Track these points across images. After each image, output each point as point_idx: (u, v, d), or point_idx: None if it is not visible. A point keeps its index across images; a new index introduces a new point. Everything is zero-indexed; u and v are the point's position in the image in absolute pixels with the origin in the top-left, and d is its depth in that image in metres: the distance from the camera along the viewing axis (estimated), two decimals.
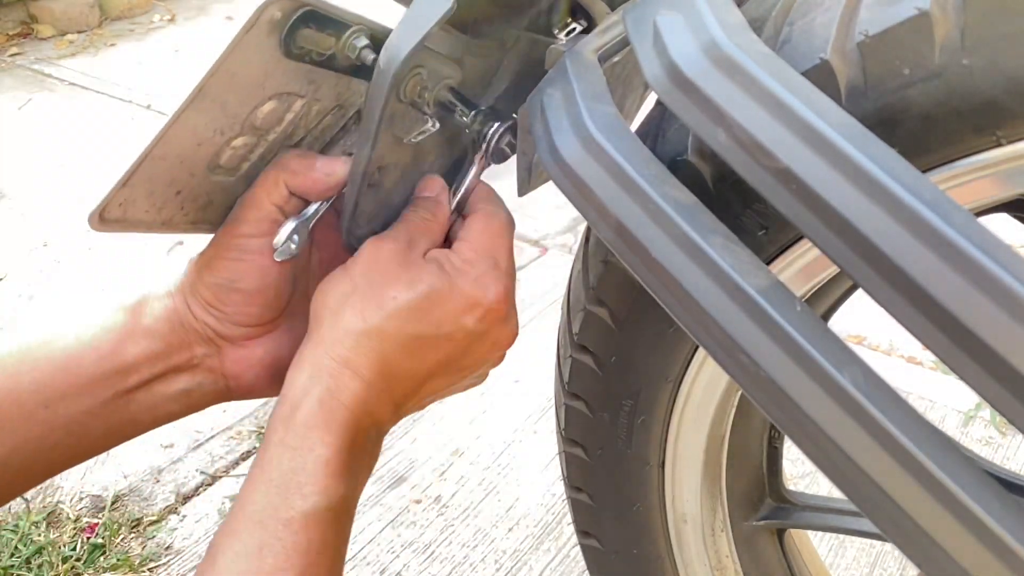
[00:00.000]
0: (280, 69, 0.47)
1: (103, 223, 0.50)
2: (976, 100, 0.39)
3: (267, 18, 0.44)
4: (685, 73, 0.39)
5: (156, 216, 0.52)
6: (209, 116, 0.47)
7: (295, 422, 0.48)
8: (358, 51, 0.48)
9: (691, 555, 0.71)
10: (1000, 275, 0.31)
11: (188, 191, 0.52)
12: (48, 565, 1.25)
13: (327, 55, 0.48)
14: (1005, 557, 0.33)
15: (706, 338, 0.39)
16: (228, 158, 0.51)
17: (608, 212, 0.42)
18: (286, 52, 0.46)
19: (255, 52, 0.45)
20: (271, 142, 0.52)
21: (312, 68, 0.48)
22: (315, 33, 0.46)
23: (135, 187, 0.49)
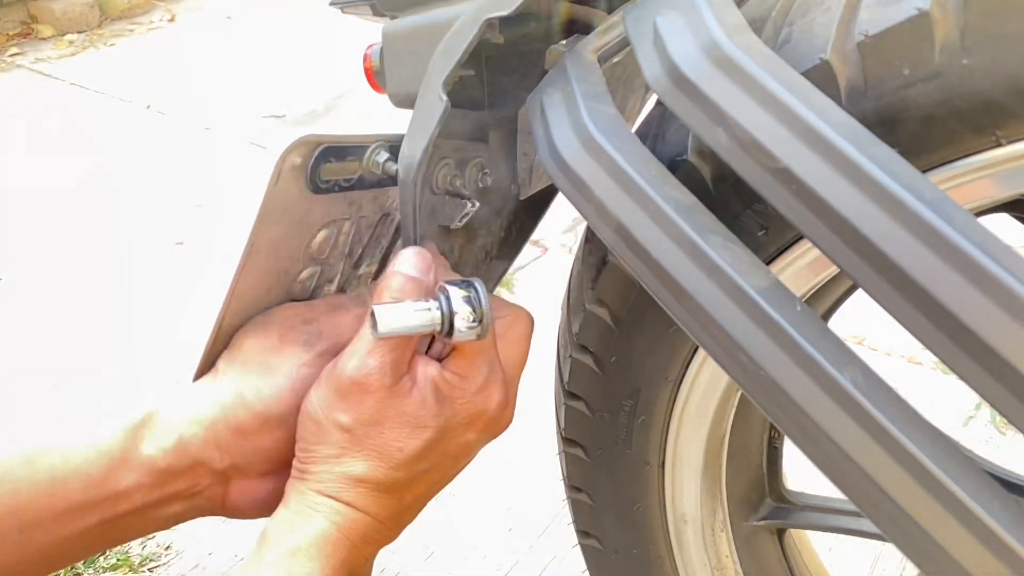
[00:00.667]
0: (317, 204, 0.49)
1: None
2: (976, 100, 0.39)
3: (289, 166, 0.46)
4: (685, 73, 0.39)
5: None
6: (267, 264, 0.50)
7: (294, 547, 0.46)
8: (381, 166, 0.50)
9: (691, 555, 0.71)
10: (1000, 275, 0.31)
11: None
12: None
13: (355, 178, 0.50)
14: (1005, 556, 0.33)
15: (706, 338, 0.39)
16: (301, 290, 0.53)
17: (608, 212, 0.42)
18: (315, 189, 0.48)
19: (287, 198, 0.47)
20: (335, 266, 0.54)
21: (345, 193, 0.50)
22: (337, 164, 0.49)
23: (221, 343, 0.51)
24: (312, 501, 0.48)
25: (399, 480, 0.49)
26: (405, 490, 0.50)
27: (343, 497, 0.48)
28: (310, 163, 0.47)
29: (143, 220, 2.17)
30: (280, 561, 0.46)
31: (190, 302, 1.83)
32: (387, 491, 0.49)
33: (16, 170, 2.44)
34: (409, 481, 0.50)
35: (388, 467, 0.48)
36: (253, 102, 2.89)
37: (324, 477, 0.48)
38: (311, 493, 0.48)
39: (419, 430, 0.48)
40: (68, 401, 1.59)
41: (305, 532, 0.47)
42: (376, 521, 0.49)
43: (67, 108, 2.89)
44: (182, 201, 2.25)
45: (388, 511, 0.50)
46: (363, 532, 0.49)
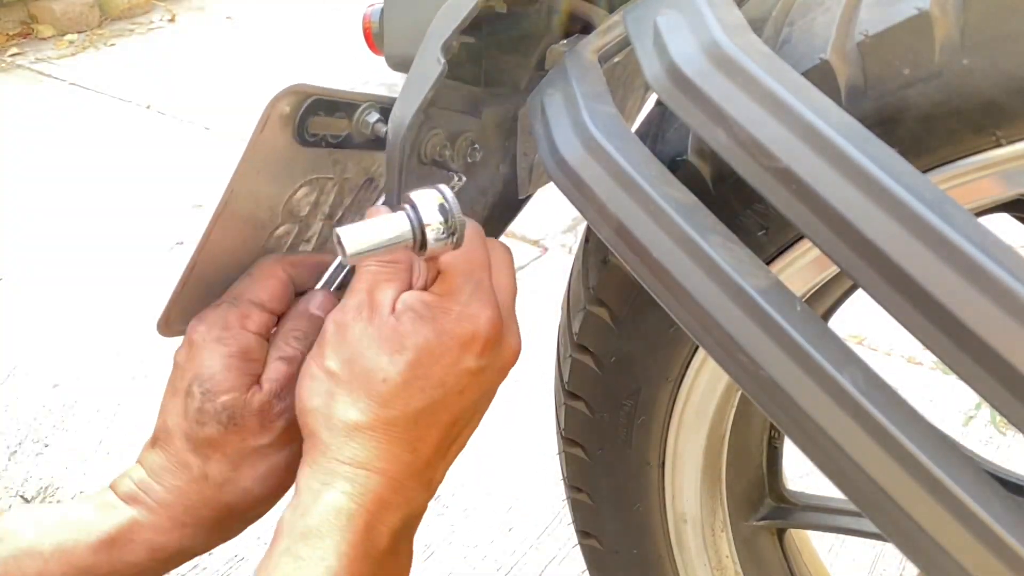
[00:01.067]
0: (301, 157, 0.48)
1: (168, 328, 0.51)
2: (976, 100, 0.39)
3: (277, 113, 0.45)
4: (685, 73, 0.39)
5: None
6: (246, 212, 0.48)
7: (305, 529, 0.44)
8: (371, 126, 0.49)
9: (691, 555, 0.71)
10: (1000, 275, 0.31)
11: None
12: None
13: (342, 136, 0.49)
14: (1005, 556, 0.33)
15: (706, 338, 0.39)
16: (276, 246, 0.52)
17: (608, 212, 0.42)
18: (301, 142, 0.47)
19: (272, 147, 0.46)
20: (312, 225, 0.53)
21: (331, 150, 0.49)
22: (326, 119, 0.48)
23: (190, 291, 0.50)
24: (319, 477, 0.45)
25: (396, 419, 0.46)
26: (413, 436, 0.46)
27: (344, 455, 0.45)
28: (299, 114, 0.46)
29: (143, 220, 2.17)
30: (291, 547, 0.43)
31: None
32: (389, 436, 0.46)
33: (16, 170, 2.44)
34: (409, 421, 0.46)
35: (378, 403, 0.45)
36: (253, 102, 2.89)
37: (323, 437, 0.46)
38: (315, 468, 0.45)
39: (397, 353, 0.45)
40: (68, 401, 1.59)
41: (314, 511, 0.44)
42: (390, 479, 0.46)
43: (67, 108, 2.89)
44: (182, 201, 2.25)
45: (401, 465, 0.46)
46: (378, 496, 0.45)
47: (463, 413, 0.49)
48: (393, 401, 0.46)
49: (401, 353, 0.46)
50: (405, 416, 0.46)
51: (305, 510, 0.44)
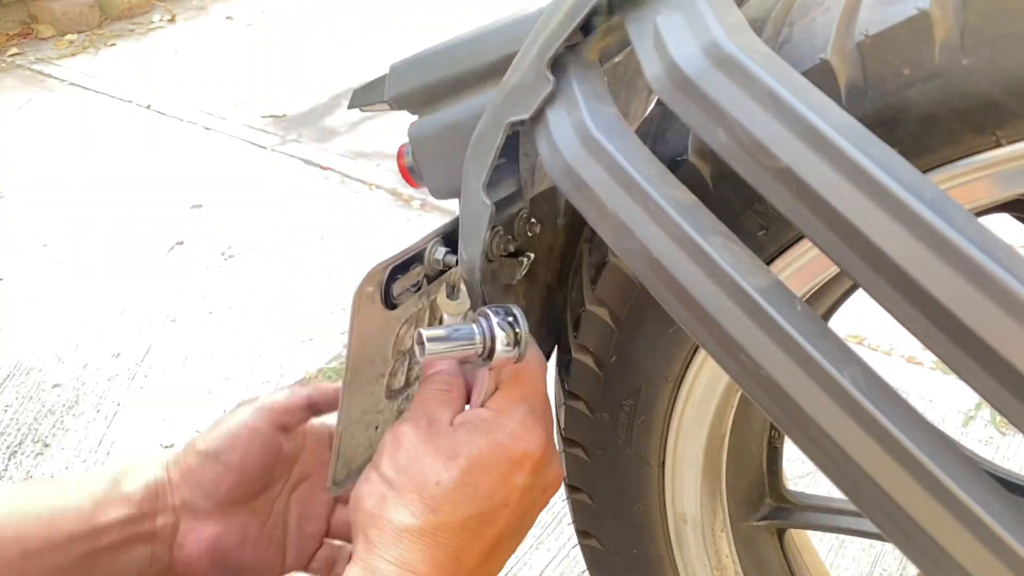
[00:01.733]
0: (395, 315, 0.52)
1: (339, 487, 0.56)
2: (976, 100, 0.39)
3: (366, 297, 0.49)
4: (686, 73, 0.39)
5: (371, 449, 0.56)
6: (365, 377, 0.53)
7: None
8: (442, 262, 0.53)
9: (691, 555, 0.71)
10: (1000, 275, 0.31)
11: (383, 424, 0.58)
12: None
13: (421, 279, 0.53)
14: (1005, 557, 0.33)
15: (706, 338, 0.39)
16: (396, 382, 0.57)
17: (608, 211, 0.42)
18: (390, 307, 0.51)
19: (368, 324, 0.51)
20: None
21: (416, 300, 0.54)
22: (404, 277, 0.51)
23: (346, 450, 0.55)
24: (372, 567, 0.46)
25: (443, 524, 0.47)
26: (458, 545, 0.47)
27: (390, 555, 0.46)
28: (382, 289, 0.50)
29: (143, 219, 2.17)
30: None
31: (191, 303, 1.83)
32: (435, 542, 0.47)
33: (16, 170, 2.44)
34: (456, 528, 0.47)
35: (428, 507, 0.47)
36: (253, 102, 2.89)
37: (371, 536, 0.47)
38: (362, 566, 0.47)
39: (451, 460, 0.47)
40: (68, 401, 1.59)
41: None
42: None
43: (67, 108, 2.89)
44: (181, 202, 2.25)
45: (439, 562, 0.47)
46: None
47: (507, 528, 0.50)
48: (443, 506, 0.47)
49: (455, 460, 0.48)
50: (453, 522, 0.47)
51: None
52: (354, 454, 0.56)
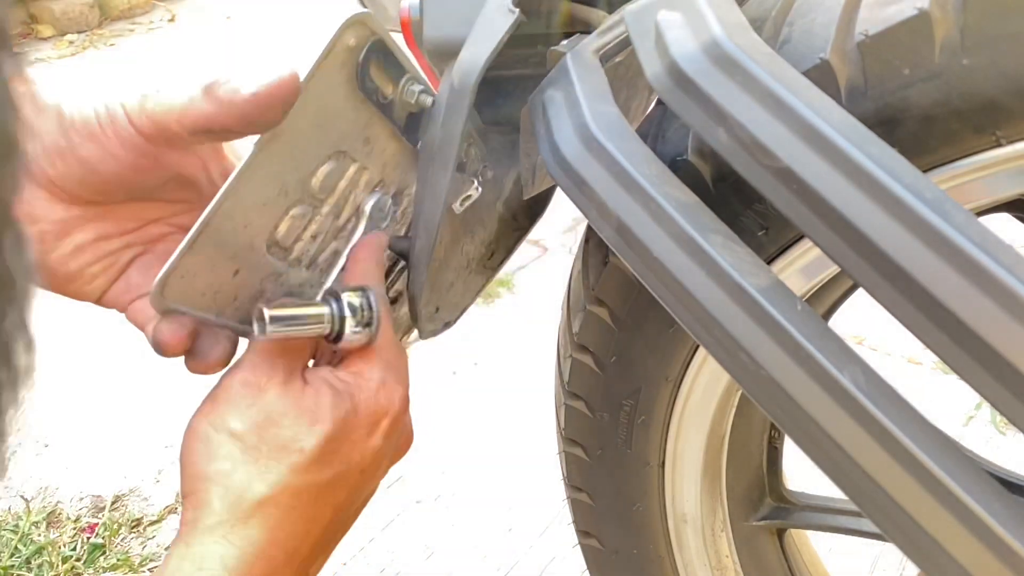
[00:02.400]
0: (347, 111, 0.47)
1: (163, 299, 0.45)
2: (976, 100, 0.39)
3: (343, 45, 0.44)
4: (686, 72, 0.39)
5: (211, 301, 0.47)
6: (277, 165, 0.46)
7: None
8: (416, 95, 0.49)
9: (691, 555, 0.71)
10: (1001, 275, 0.31)
11: (244, 273, 0.48)
12: (48, 565, 1.26)
13: (387, 101, 0.48)
14: (1005, 557, 0.33)
15: (707, 337, 0.39)
16: (285, 232, 0.49)
17: (609, 211, 0.42)
18: (360, 84, 0.46)
19: (330, 82, 0.45)
20: (322, 218, 0.51)
21: (372, 116, 0.48)
22: (380, 72, 0.47)
23: (198, 253, 0.45)
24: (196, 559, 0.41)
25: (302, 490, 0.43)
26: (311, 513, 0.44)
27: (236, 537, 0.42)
28: (362, 52, 0.45)
29: None
30: None
31: None
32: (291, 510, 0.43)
33: None
34: (313, 494, 0.44)
35: (290, 472, 0.43)
36: None
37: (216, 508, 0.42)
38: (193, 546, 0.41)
39: (317, 424, 0.44)
40: (68, 401, 1.59)
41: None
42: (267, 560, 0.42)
43: None
44: None
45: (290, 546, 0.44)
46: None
47: (355, 492, 0.48)
48: (303, 473, 0.44)
49: (319, 424, 0.44)
50: (311, 490, 0.44)
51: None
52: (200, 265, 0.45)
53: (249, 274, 0.48)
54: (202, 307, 0.47)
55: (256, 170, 0.44)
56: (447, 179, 0.49)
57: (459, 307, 0.62)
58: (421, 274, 0.52)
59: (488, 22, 0.47)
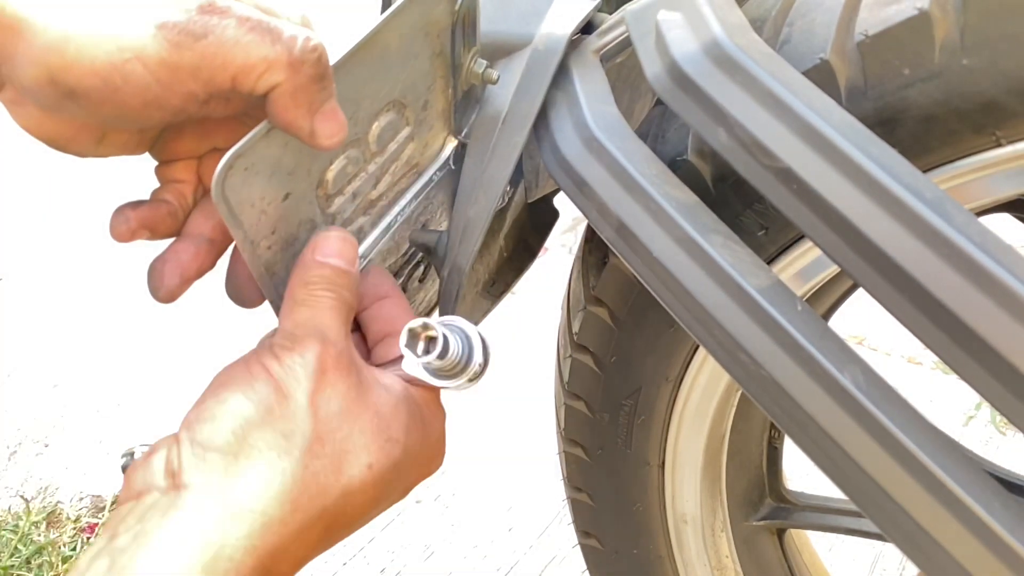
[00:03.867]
0: (427, 53, 0.46)
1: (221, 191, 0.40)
2: (976, 100, 0.39)
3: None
4: (687, 72, 0.39)
5: (255, 222, 0.43)
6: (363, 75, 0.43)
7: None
8: (484, 67, 0.49)
9: (691, 555, 0.71)
10: (1001, 275, 0.31)
11: (292, 201, 0.45)
12: (48, 565, 1.26)
13: (458, 64, 0.48)
14: (1005, 557, 0.33)
15: (707, 337, 0.39)
16: (335, 176, 0.47)
17: (609, 211, 0.42)
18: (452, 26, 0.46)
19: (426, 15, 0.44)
20: (366, 176, 0.49)
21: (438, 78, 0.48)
22: (463, 31, 0.47)
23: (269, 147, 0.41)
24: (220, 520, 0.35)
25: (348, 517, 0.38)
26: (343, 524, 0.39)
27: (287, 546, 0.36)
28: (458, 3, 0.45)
29: None
30: None
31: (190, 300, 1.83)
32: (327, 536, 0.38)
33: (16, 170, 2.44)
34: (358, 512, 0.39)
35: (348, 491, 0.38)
36: None
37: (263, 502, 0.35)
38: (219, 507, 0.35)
39: (391, 445, 0.39)
40: (68, 401, 1.59)
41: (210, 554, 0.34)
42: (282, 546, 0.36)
43: None
44: None
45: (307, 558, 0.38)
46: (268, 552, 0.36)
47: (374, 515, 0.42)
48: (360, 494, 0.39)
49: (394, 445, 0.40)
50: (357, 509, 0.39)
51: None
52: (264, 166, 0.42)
53: (294, 205, 0.45)
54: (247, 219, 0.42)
55: (346, 74, 0.42)
56: (507, 174, 0.48)
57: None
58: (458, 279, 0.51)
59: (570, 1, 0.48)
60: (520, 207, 0.61)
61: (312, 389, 0.38)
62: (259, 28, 0.35)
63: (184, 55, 0.34)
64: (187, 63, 0.34)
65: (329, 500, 0.37)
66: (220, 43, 0.34)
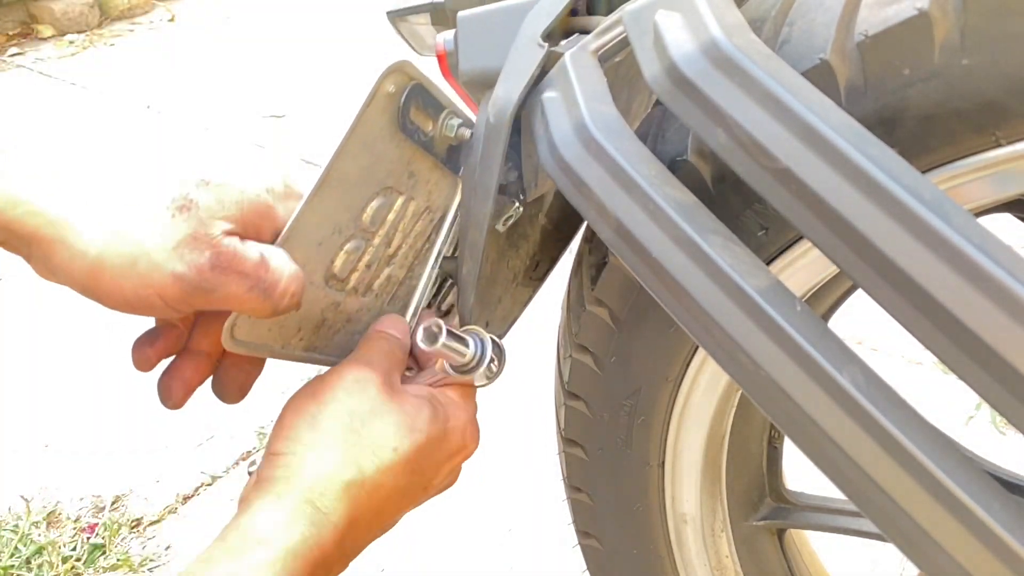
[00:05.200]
0: (390, 151, 0.50)
1: (234, 342, 0.48)
2: (976, 100, 0.39)
3: (384, 92, 0.47)
4: (685, 73, 0.39)
5: (277, 337, 0.51)
6: (331, 208, 0.49)
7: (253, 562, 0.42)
8: (455, 129, 0.52)
9: (691, 555, 0.71)
10: (1000, 275, 0.31)
11: (306, 306, 0.50)
12: (48, 565, 1.26)
13: (428, 138, 0.51)
14: (1005, 557, 0.33)
15: (706, 338, 0.39)
16: (341, 266, 0.52)
17: (608, 211, 0.42)
18: (401, 126, 0.49)
19: (373, 127, 0.48)
20: (375, 248, 0.53)
21: (415, 152, 0.51)
22: (419, 112, 0.50)
23: None
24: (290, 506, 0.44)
25: (379, 489, 0.47)
26: (374, 508, 0.47)
27: (323, 503, 0.45)
28: (403, 97, 0.48)
29: None
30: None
31: None
32: (360, 503, 0.46)
33: None
34: (385, 495, 0.48)
35: (379, 468, 0.47)
36: (253, 102, 2.89)
37: (308, 474, 0.45)
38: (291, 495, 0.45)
39: (414, 432, 0.48)
40: (68, 401, 1.59)
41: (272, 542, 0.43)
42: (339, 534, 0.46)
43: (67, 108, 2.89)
44: None
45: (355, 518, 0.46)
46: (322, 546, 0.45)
47: (407, 506, 0.51)
48: (390, 469, 0.47)
49: (415, 432, 0.48)
50: (391, 488, 0.48)
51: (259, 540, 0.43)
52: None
53: (309, 307, 0.51)
54: (268, 340, 0.50)
55: (310, 216, 0.48)
56: (488, 207, 0.51)
57: (508, 320, 0.65)
58: (469, 296, 0.55)
59: (519, 57, 0.49)
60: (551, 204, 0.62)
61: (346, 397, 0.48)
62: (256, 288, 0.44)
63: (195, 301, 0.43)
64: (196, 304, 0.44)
65: (366, 476, 0.46)
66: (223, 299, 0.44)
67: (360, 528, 0.47)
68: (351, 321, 0.55)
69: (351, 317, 0.55)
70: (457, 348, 0.51)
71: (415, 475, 0.49)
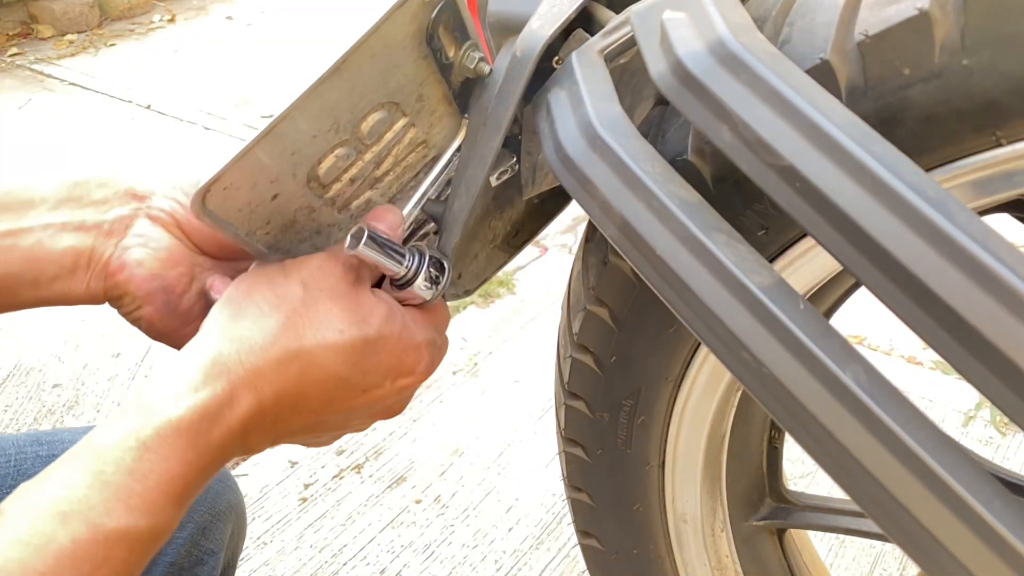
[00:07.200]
0: (407, 64, 0.48)
1: (203, 209, 0.46)
2: (976, 100, 0.39)
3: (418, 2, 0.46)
4: (691, 71, 0.39)
5: (246, 220, 0.50)
6: (335, 99, 0.47)
7: (162, 419, 0.41)
8: (476, 62, 0.51)
9: (691, 555, 0.71)
10: (1003, 273, 0.31)
11: (281, 199, 0.50)
12: None
13: (448, 63, 0.50)
14: (1007, 557, 0.33)
15: (709, 335, 0.40)
16: (327, 170, 0.50)
17: (612, 209, 0.42)
18: (428, 39, 0.48)
19: (401, 30, 0.46)
20: (364, 163, 0.52)
21: (430, 74, 0.50)
22: (447, 33, 0.48)
23: (246, 168, 0.47)
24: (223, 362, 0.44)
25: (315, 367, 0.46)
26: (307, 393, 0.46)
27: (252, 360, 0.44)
28: (434, 11, 0.47)
29: None
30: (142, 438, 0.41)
31: None
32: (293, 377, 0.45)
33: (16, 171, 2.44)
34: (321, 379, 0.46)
35: (317, 342, 0.46)
36: (253, 102, 2.89)
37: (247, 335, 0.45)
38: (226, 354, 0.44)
39: (364, 322, 0.47)
40: (68, 401, 1.59)
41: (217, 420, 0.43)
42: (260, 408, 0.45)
43: (67, 108, 2.89)
44: None
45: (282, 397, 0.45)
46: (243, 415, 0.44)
47: (346, 412, 0.50)
48: (331, 349, 0.46)
49: (365, 325, 0.47)
50: (326, 369, 0.46)
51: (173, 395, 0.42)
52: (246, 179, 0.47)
53: (285, 202, 0.50)
54: (235, 220, 0.49)
55: (315, 100, 0.46)
56: (497, 143, 0.50)
57: (479, 277, 0.64)
58: (454, 235, 0.54)
59: (558, 1, 0.49)
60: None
61: (308, 273, 0.48)
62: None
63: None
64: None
65: (304, 347, 0.46)
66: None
67: (284, 405, 0.46)
68: (319, 234, 0.54)
69: (320, 230, 0.54)
70: (391, 257, 0.49)
71: (354, 368, 0.47)
